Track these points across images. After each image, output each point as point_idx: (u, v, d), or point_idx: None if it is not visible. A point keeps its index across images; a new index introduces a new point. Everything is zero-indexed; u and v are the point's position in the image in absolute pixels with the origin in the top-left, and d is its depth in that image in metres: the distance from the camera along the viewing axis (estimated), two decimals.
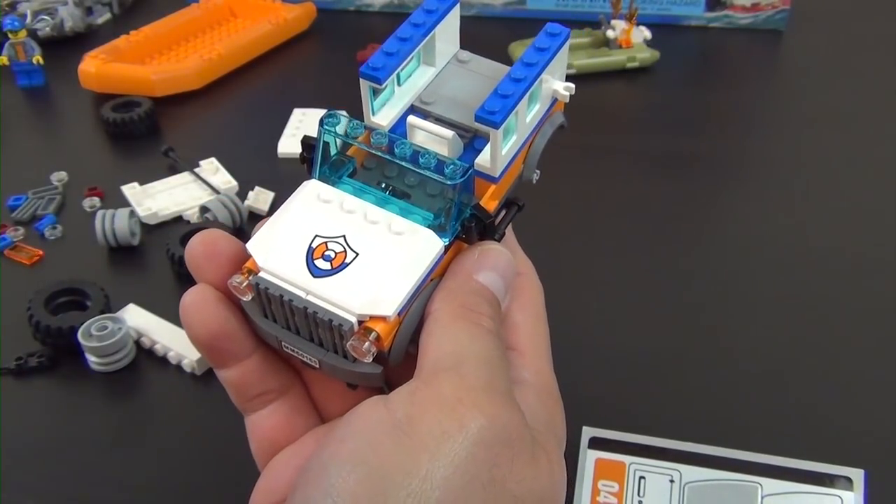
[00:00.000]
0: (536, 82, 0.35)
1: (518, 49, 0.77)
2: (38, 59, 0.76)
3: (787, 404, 0.45)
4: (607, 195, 0.50)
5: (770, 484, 0.39)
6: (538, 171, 0.38)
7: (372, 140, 0.33)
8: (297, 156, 0.54)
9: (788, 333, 0.49)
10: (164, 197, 0.61)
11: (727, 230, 0.58)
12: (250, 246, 0.31)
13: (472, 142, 0.35)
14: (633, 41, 0.77)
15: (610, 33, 0.78)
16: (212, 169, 0.64)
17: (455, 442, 0.24)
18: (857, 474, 0.39)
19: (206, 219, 0.57)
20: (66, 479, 0.42)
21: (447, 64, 0.39)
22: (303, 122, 0.70)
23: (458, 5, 0.38)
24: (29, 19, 0.82)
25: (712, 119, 0.71)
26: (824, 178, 0.63)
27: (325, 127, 0.35)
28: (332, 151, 0.35)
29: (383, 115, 0.37)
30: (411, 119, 0.35)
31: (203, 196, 0.61)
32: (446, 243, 0.31)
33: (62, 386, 0.48)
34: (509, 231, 0.36)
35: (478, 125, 0.33)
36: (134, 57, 0.77)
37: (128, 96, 0.72)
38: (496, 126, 0.33)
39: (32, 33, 0.80)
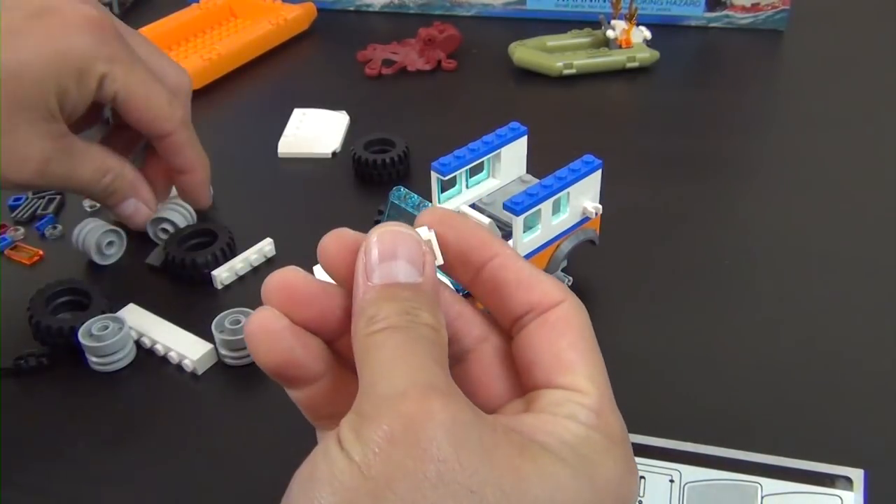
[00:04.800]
0: (563, 193, 0.46)
1: (518, 49, 0.77)
2: None
3: (787, 404, 0.45)
4: (606, 195, 0.50)
5: (770, 484, 0.39)
6: (569, 278, 0.49)
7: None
8: (297, 156, 0.58)
9: (789, 333, 0.49)
10: None
11: (727, 229, 0.58)
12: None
13: (511, 235, 0.44)
14: (633, 41, 0.77)
15: (610, 33, 0.78)
16: None
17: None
18: (857, 474, 0.39)
19: (165, 230, 0.56)
20: (66, 479, 0.42)
21: (512, 181, 0.50)
22: (303, 122, 0.70)
23: (525, 137, 0.50)
24: None
25: (712, 119, 0.71)
26: (825, 178, 0.63)
27: (393, 199, 0.44)
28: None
29: (448, 205, 0.49)
30: (462, 207, 0.47)
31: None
32: None
33: (62, 386, 0.48)
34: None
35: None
36: None
37: None
38: (516, 214, 0.44)
39: None
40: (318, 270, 0.30)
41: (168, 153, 0.53)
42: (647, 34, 0.77)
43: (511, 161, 0.50)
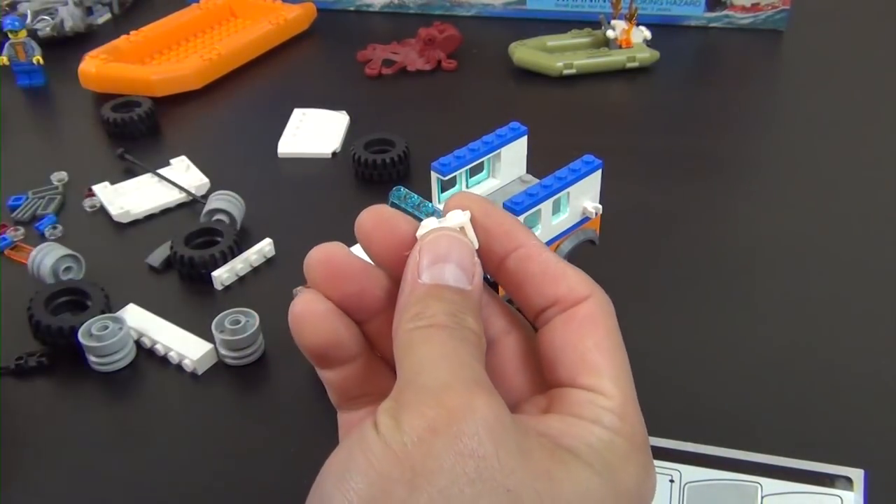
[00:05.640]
0: (563, 194, 0.46)
1: (518, 49, 0.77)
2: (38, 59, 0.76)
3: (787, 404, 0.45)
4: (606, 195, 0.50)
5: (770, 484, 0.39)
6: None
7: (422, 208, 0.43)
8: (297, 156, 0.58)
9: (788, 333, 0.49)
10: (137, 195, 0.61)
11: (727, 229, 0.58)
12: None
13: None
14: (633, 41, 0.77)
15: (610, 33, 0.78)
16: (182, 167, 0.64)
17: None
18: (857, 474, 0.39)
19: (221, 220, 0.57)
20: (66, 479, 0.42)
21: (512, 181, 0.50)
22: (303, 122, 0.70)
23: (525, 137, 0.50)
24: (29, 19, 0.82)
25: (712, 119, 0.71)
26: (824, 177, 0.63)
27: (393, 199, 0.44)
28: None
29: None
30: None
31: (175, 192, 0.61)
32: None
33: (62, 386, 0.48)
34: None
35: None
36: (134, 57, 0.78)
37: (128, 96, 0.72)
38: (516, 214, 0.44)
39: (33, 33, 0.80)
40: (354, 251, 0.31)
41: None
42: (647, 34, 0.77)
43: (511, 161, 0.50)
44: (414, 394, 0.24)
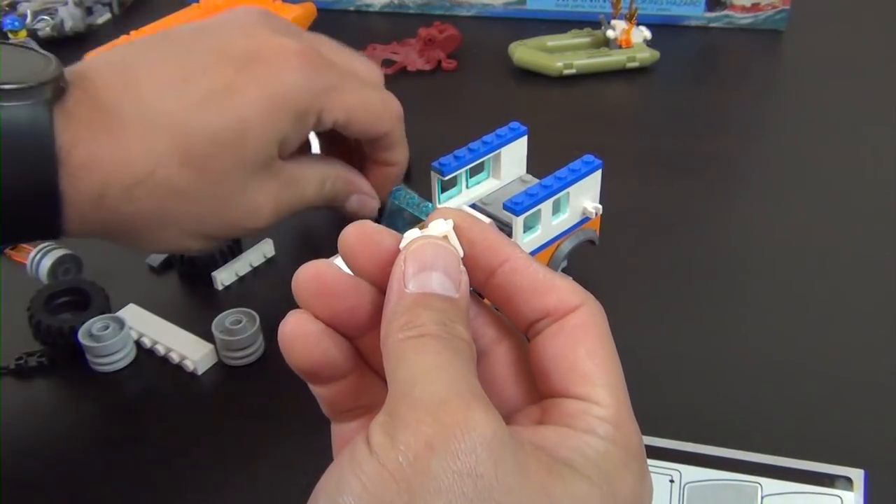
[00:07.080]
0: (563, 194, 0.46)
1: (518, 49, 0.77)
2: None
3: (788, 404, 0.45)
4: (606, 195, 0.50)
5: (770, 484, 0.39)
6: (569, 278, 0.48)
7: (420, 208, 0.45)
8: None
9: (788, 333, 0.49)
10: None
11: (727, 230, 0.58)
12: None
13: (511, 235, 0.45)
14: (633, 41, 0.77)
15: (610, 33, 0.78)
16: None
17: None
18: (857, 474, 0.39)
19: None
20: (66, 479, 0.42)
21: (512, 181, 0.50)
22: None
23: (525, 137, 0.50)
24: (29, 19, 0.82)
25: (712, 119, 0.71)
26: (825, 178, 0.63)
27: (393, 200, 0.45)
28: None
29: (448, 205, 0.49)
30: (463, 207, 0.47)
31: None
32: None
33: (62, 386, 0.48)
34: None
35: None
36: None
37: None
38: (516, 214, 0.44)
39: (32, 33, 0.80)
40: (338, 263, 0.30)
41: (382, 149, 0.52)
42: (647, 34, 0.77)
43: (511, 161, 0.50)
44: (408, 408, 0.24)
